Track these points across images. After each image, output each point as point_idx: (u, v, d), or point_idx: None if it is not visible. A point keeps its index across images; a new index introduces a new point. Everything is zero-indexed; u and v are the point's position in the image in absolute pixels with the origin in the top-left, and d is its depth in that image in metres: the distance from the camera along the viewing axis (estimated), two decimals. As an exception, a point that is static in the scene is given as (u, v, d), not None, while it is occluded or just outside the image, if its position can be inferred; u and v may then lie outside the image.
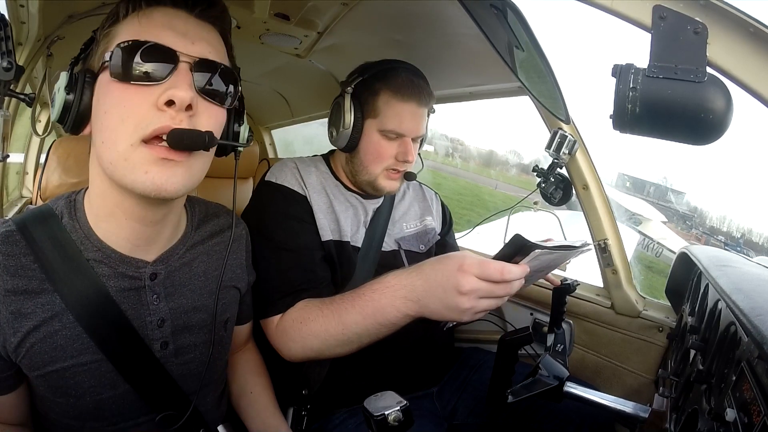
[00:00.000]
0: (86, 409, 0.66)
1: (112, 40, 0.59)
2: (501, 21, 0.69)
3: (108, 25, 0.62)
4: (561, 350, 0.94)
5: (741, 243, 23.62)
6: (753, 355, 0.54)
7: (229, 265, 0.80)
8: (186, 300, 0.73)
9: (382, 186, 1.11)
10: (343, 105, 1.06)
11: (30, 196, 1.64)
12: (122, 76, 0.56)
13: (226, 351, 0.85)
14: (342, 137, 1.07)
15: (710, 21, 0.48)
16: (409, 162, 1.09)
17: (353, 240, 1.10)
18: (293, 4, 1.17)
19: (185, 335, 0.73)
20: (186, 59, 0.58)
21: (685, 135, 0.51)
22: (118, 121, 0.56)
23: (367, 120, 1.07)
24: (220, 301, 0.77)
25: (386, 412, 0.53)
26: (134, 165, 0.56)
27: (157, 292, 0.69)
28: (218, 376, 0.85)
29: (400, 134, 1.06)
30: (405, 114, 1.05)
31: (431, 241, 1.25)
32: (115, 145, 0.56)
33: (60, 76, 0.59)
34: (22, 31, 1.00)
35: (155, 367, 0.69)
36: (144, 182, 0.56)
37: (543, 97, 0.92)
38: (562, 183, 1.23)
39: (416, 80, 1.07)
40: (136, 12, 0.59)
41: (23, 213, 0.68)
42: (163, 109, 0.56)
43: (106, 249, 0.65)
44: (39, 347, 0.61)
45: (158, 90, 0.56)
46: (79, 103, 0.59)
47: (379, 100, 1.06)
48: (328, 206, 1.09)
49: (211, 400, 0.83)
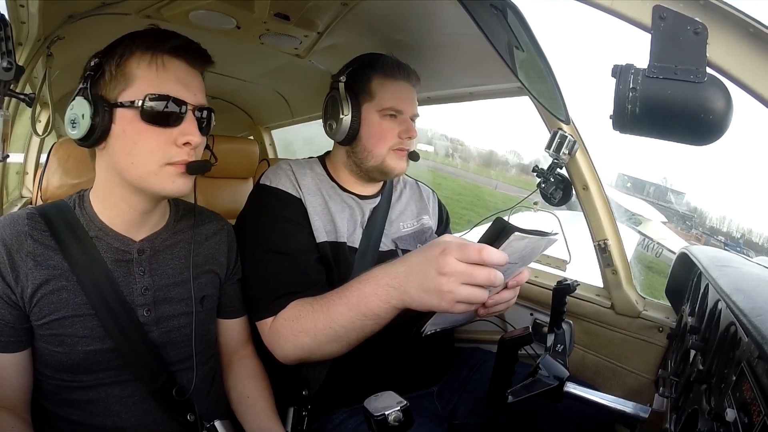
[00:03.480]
0: (77, 359, 0.78)
1: (133, 83, 0.76)
2: (501, 21, 0.70)
3: (121, 60, 0.77)
4: (561, 350, 0.94)
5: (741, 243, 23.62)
6: (753, 356, 0.54)
7: (210, 251, 0.95)
8: (167, 276, 0.87)
9: (391, 167, 1.12)
10: (338, 95, 1.09)
11: (30, 196, 1.63)
12: (150, 119, 0.76)
13: (205, 327, 0.92)
14: (342, 127, 1.09)
15: (710, 21, 0.48)
16: (412, 138, 1.12)
17: (350, 240, 1.10)
18: (293, 4, 1.17)
19: (165, 306, 0.86)
20: (191, 107, 0.79)
21: (685, 135, 0.51)
22: (147, 151, 0.77)
23: (365, 105, 1.10)
24: (197, 279, 0.90)
25: (386, 412, 0.53)
26: (164, 178, 0.79)
27: (143, 266, 0.85)
28: (199, 351, 0.89)
29: (399, 111, 1.10)
30: (400, 92, 1.11)
31: (428, 240, 1.25)
32: (146, 166, 0.77)
33: (77, 100, 0.76)
34: (22, 31, 1.00)
35: (137, 328, 0.82)
36: (172, 189, 0.80)
37: (543, 98, 0.92)
38: (562, 183, 1.23)
39: (403, 64, 1.13)
40: (155, 62, 0.77)
41: (43, 204, 0.85)
42: (181, 147, 0.78)
43: (105, 228, 0.83)
44: (47, 299, 0.76)
45: (175, 131, 0.78)
46: (101, 129, 0.77)
47: (373, 83, 1.10)
48: (324, 207, 1.10)
49: (196, 382, 0.87)
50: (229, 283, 0.99)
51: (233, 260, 0.99)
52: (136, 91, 0.76)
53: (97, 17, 1.14)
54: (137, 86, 0.76)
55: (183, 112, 0.78)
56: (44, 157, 1.43)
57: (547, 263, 1.47)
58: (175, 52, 0.79)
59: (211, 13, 1.24)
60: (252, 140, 2.86)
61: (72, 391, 0.79)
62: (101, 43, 0.82)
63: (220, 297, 0.97)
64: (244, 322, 1.03)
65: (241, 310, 1.02)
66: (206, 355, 0.93)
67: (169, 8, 1.20)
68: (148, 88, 0.76)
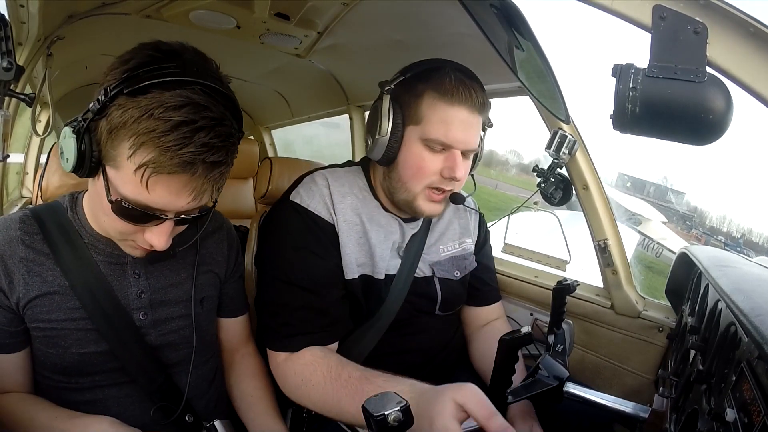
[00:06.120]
0: (71, 360, 0.77)
1: (115, 168, 0.65)
2: (501, 21, 0.69)
3: (111, 132, 0.64)
4: (561, 350, 0.94)
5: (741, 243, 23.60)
6: (753, 356, 0.54)
7: (209, 252, 0.92)
8: (164, 278, 0.85)
9: (421, 208, 0.96)
10: (381, 108, 0.92)
11: (30, 196, 1.63)
12: (119, 215, 0.68)
13: (204, 328, 0.90)
14: (378, 147, 0.93)
15: (710, 21, 0.48)
16: (456, 180, 0.93)
17: (386, 269, 1.01)
18: (293, 4, 1.17)
19: (162, 308, 0.84)
20: (172, 215, 0.70)
21: (685, 135, 0.51)
22: (113, 228, 0.72)
23: (408, 127, 0.92)
24: (197, 280, 0.87)
25: (386, 412, 0.53)
26: (126, 247, 0.76)
27: (138, 269, 0.83)
28: (198, 351, 0.88)
29: (447, 145, 0.91)
30: (453, 121, 0.89)
31: (468, 268, 1.15)
32: (112, 234, 0.75)
33: (66, 129, 0.66)
34: (22, 31, 1.00)
35: (133, 331, 0.81)
36: (131, 254, 0.77)
37: (543, 97, 0.92)
38: (562, 183, 1.23)
39: (468, 82, 0.91)
40: (142, 176, 0.63)
41: (37, 205, 0.83)
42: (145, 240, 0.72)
43: (96, 234, 0.80)
44: (39, 303, 0.75)
45: (145, 230, 0.71)
46: (87, 170, 0.67)
47: (423, 103, 0.90)
48: (361, 236, 0.98)
49: (195, 382, 0.86)
50: (229, 283, 0.97)
51: (233, 259, 0.97)
52: (114, 179, 0.66)
53: (97, 17, 1.14)
54: (117, 178, 0.66)
55: (159, 218, 0.68)
56: (44, 157, 1.43)
57: (547, 263, 1.47)
58: (181, 168, 0.63)
59: (211, 13, 1.24)
60: (252, 140, 2.86)
61: (69, 392, 0.79)
62: (101, 43, 0.82)
63: (221, 296, 0.96)
64: (245, 320, 1.02)
65: (242, 309, 1.01)
66: (206, 355, 0.92)
67: (169, 8, 1.20)
68: (125, 191, 0.65)
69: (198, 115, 0.62)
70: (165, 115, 0.61)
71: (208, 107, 0.63)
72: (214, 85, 0.66)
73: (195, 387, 0.87)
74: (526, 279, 1.42)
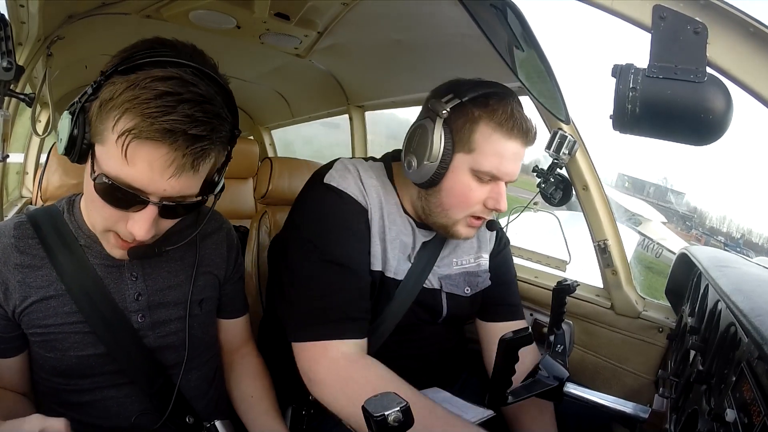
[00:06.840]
0: (70, 363, 0.77)
1: (101, 142, 0.64)
2: (501, 21, 0.69)
3: (102, 107, 0.63)
4: (561, 351, 0.94)
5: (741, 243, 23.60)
6: (753, 356, 0.54)
7: (208, 253, 0.91)
8: (162, 279, 0.84)
9: (459, 233, 0.94)
10: (431, 132, 0.87)
11: (30, 196, 1.63)
12: (101, 195, 0.66)
13: (204, 329, 0.90)
14: (424, 171, 0.89)
15: (710, 21, 0.48)
16: (499, 210, 0.93)
17: (395, 274, 0.98)
18: (293, 4, 1.17)
19: (161, 310, 0.84)
20: (155, 199, 0.66)
21: (685, 135, 0.51)
22: (98, 216, 0.71)
23: (458, 154, 0.88)
24: (196, 282, 0.87)
25: (386, 413, 0.53)
26: (107, 243, 0.74)
27: (135, 271, 0.82)
28: (198, 354, 0.88)
29: (496, 177, 0.89)
30: (507, 154, 0.87)
31: (480, 285, 1.08)
32: (95, 227, 0.76)
33: (65, 113, 0.66)
34: (22, 31, 1.00)
35: (131, 334, 0.80)
36: (113, 254, 0.76)
37: (543, 97, 0.92)
38: (562, 183, 1.23)
39: (523, 113, 0.89)
40: (122, 145, 0.62)
41: (34, 210, 0.83)
42: (128, 231, 0.69)
43: (93, 236, 0.79)
44: (36, 308, 0.75)
45: (127, 216, 0.68)
46: (78, 153, 0.66)
47: (478, 132, 0.87)
48: (380, 230, 0.96)
49: (195, 383, 0.86)
50: (229, 284, 0.96)
51: (233, 260, 0.96)
52: (100, 156, 0.65)
53: (97, 17, 1.14)
54: (102, 154, 0.65)
55: (141, 201, 0.66)
56: (44, 157, 1.43)
57: (547, 263, 1.47)
58: (161, 135, 0.61)
59: (211, 13, 1.24)
60: (252, 140, 2.86)
61: (68, 394, 0.79)
62: (101, 43, 0.82)
63: (220, 297, 0.95)
64: (245, 320, 1.02)
65: (242, 310, 1.01)
66: (206, 356, 0.92)
67: (169, 8, 1.21)
68: (107, 167, 0.64)
69: (185, 88, 0.61)
70: (151, 84, 0.60)
71: (197, 85, 0.63)
72: (209, 72, 0.67)
73: (195, 387, 0.87)
74: (526, 279, 1.42)
